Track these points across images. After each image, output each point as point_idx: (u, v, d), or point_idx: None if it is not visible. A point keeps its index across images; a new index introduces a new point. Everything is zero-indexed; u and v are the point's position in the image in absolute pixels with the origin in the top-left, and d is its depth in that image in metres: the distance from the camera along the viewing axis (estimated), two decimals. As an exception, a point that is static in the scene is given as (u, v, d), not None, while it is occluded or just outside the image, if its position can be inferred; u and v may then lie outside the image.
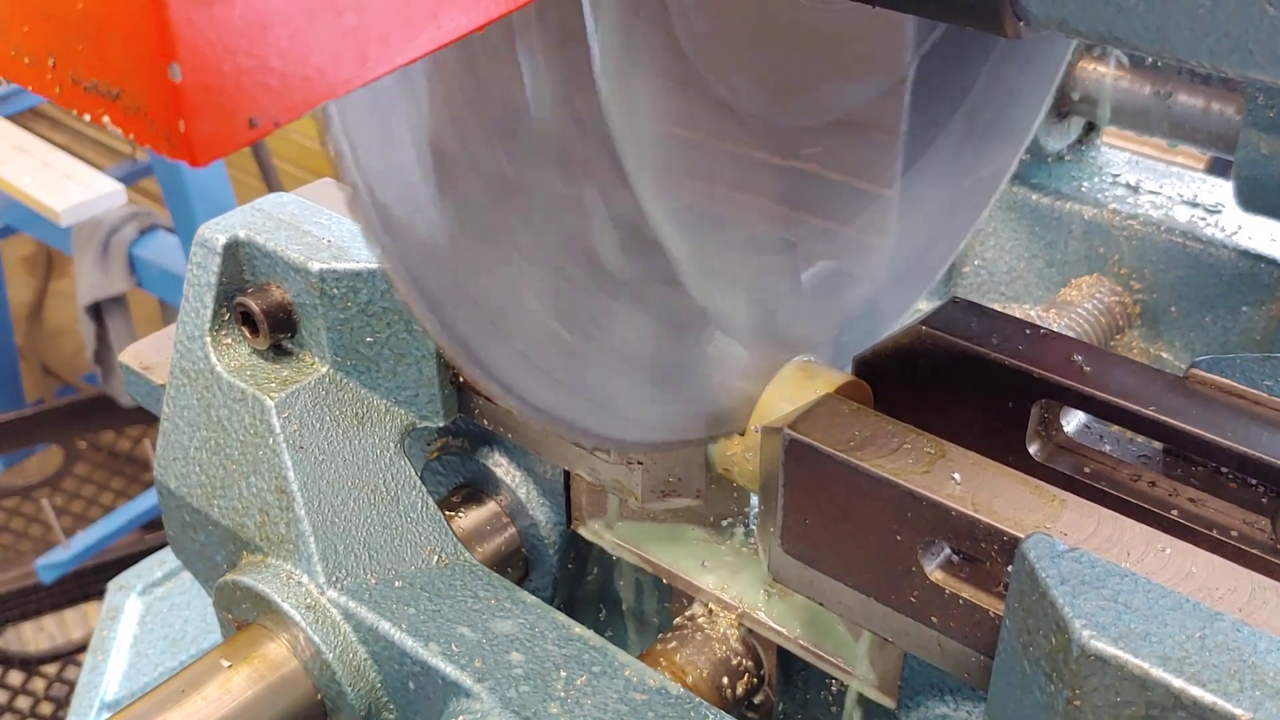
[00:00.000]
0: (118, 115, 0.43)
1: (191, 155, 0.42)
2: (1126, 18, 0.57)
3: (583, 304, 0.78)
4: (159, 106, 0.42)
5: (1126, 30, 0.58)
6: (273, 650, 0.87)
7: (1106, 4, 0.58)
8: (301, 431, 0.90)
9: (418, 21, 0.47)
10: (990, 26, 0.63)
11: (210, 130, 0.43)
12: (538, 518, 1.00)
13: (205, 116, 0.42)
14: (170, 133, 0.42)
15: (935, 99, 0.90)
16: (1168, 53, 0.57)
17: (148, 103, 0.42)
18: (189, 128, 0.42)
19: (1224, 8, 0.55)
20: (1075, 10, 0.59)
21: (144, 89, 0.42)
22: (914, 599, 0.74)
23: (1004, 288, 1.31)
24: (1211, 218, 1.21)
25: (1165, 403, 0.77)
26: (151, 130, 0.42)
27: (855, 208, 0.92)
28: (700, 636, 0.91)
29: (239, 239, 0.93)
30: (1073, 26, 0.59)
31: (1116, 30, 0.58)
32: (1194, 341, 1.22)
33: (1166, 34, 0.57)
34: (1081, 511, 0.70)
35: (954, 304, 0.85)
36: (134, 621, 1.42)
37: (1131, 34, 0.58)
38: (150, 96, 0.42)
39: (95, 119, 0.44)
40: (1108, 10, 0.58)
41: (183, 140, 0.42)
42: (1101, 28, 0.58)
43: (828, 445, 0.74)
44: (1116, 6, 0.57)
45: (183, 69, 0.41)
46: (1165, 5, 0.56)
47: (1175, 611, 0.62)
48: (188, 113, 0.42)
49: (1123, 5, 0.57)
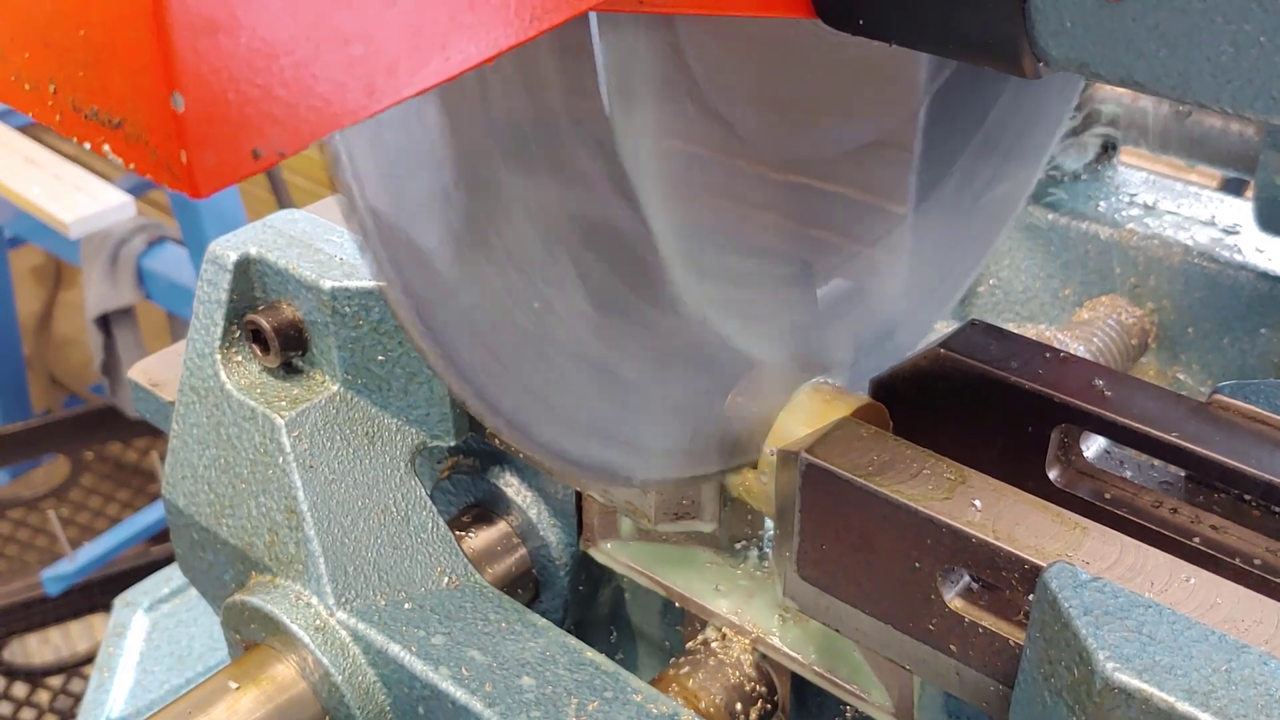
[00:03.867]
0: (119, 144, 0.42)
1: (194, 187, 0.41)
2: (1147, 63, 0.57)
3: (585, 330, 0.77)
4: (161, 136, 0.41)
5: (1147, 75, 0.57)
6: (281, 672, 0.86)
7: (1127, 49, 0.57)
8: (311, 450, 0.89)
9: (425, 52, 0.46)
10: (1009, 67, 0.62)
11: (213, 161, 0.41)
12: (549, 539, 0.99)
13: (208, 147, 0.41)
14: (172, 163, 0.41)
15: (954, 118, 0.89)
16: (1189, 97, 0.56)
17: (149, 132, 0.41)
18: (191, 158, 0.41)
19: (1247, 55, 0.54)
20: (1095, 54, 0.58)
21: (146, 118, 0.41)
22: (932, 627, 0.73)
23: (1019, 307, 1.30)
24: (1229, 238, 1.20)
25: (1188, 429, 0.76)
26: (153, 160, 0.41)
27: (869, 225, 0.91)
28: (713, 661, 0.90)
29: (250, 256, 0.92)
30: (1092, 69, 0.59)
31: (1137, 75, 0.57)
32: (1212, 364, 1.21)
33: (1188, 79, 0.56)
34: (1104, 540, 0.69)
35: (973, 326, 0.84)
36: (140, 638, 1.41)
37: (1152, 78, 0.57)
38: (152, 126, 0.41)
39: (96, 148, 0.43)
40: (1128, 55, 0.57)
41: (185, 171, 0.41)
42: (1121, 71, 0.58)
43: (846, 470, 0.73)
44: (1137, 52, 0.57)
45: (186, 99, 0.40)
46: (1187, 51, 0.55)
47: (1201, 644, 0.61)
48: (190, 143, 0.41)
49: (1143, 50, 0.57)
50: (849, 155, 0.86)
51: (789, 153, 0.82)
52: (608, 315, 0.78)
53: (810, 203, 0.87)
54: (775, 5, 0.64)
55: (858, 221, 0.90)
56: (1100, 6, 0.56)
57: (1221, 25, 0.54)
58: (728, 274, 0.83)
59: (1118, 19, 0.57)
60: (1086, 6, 0.57)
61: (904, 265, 0.93)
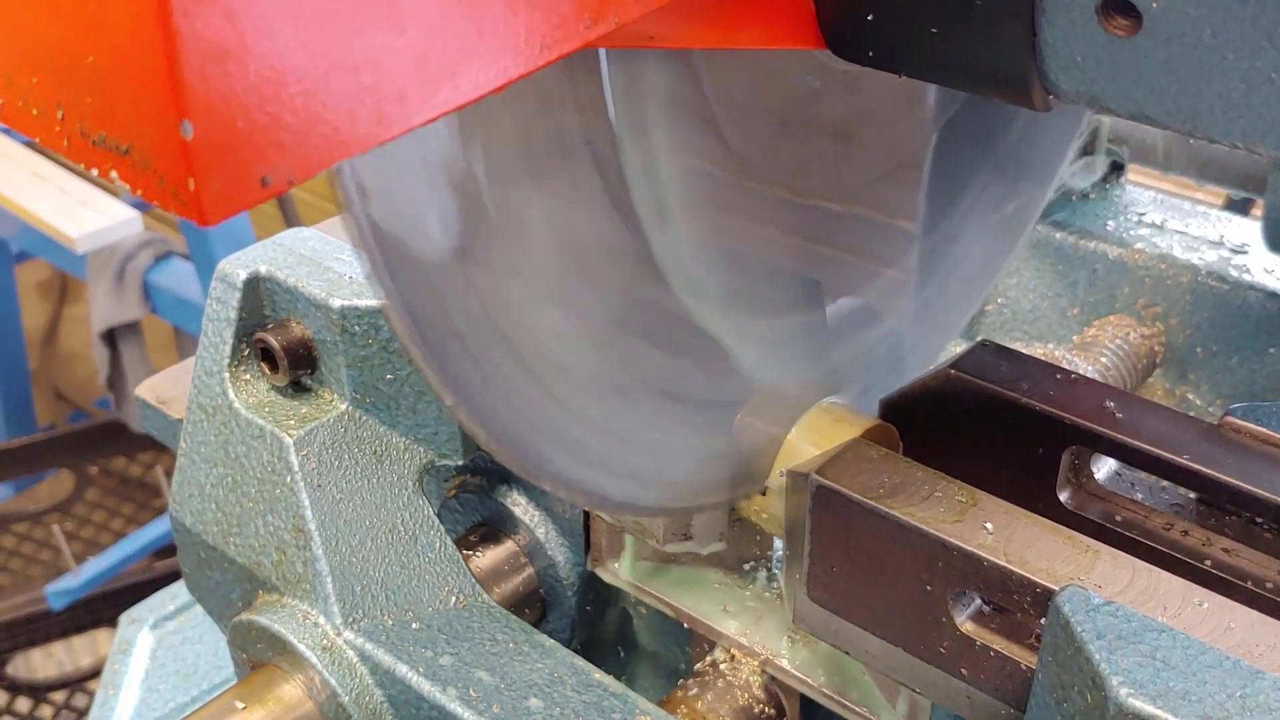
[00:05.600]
0: (126, 171, 0.42)
1: (201, 215, 0.41)
2: (1158, 98, 0.57)
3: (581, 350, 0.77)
4: (168, 163, 0.41)
5: (1158, 110, 0.57)
6: (288, 692, 0.86)
7: (1137, 84, 0.57)
8: (320, 469, 0.89)
9: (435, 81, 0.46)
10: (1019, 100, 0.62)
11: (221, 189, 0.41)
12: (556, 558, 0.99)
13: (216, 175, 0.41)
14: (180, 190, 0.41)
15: (965, 138, 0.89)
16: (1200, 132, 0.56)
17: (157, 159, 0.41)
18: (199, 186, 0.41)
19: (1258, 92, 0.54)
20: (1105, 88, 0.58)
21: (154, 145, 0.41)
22: (943, 650, 0.72)
23: (1027, 326, 1.30)
24: (1238, 258, 1.20)
25: (1199, 451, 0.76)
26: (160, 188, 0.41)
27: (879, 244, 0.90)
28: (722, 683, 0.90)
29: (259, 274, 0.92)
30: (1103, 103, 0.59)
31: (1147, 110, 0.57)
32: (1220, 384, 1.20)
33: (1199, 115, 0.56)
34: (1116, 563, 0.69)
35: (983, 347, 0.84)
36: (145, 655, 1.40)
37: (1163, 114, 0.57)
38: (160, 153, 0.41)
39: (103, 173, 0.42)
40: (1138, 90, 0.57)
41: (192, 199, 0.41)
42: (1132, 106, 0.58)
43: (857, 492, 0.73)
44: (1148, 87, 0.57)
45: (195, 126, 0.40)
46: (1198, 87, 0.55)
47: (1215, 669, 0.60)
48: (198, 171, 0.41)
49: (1154, 86, 0.56)
50: (861, 178, 0.86)
51: (801, 179, 0.82)
52: (616, 336, 0.78)
53: (821, 222, 0.87)
54: (786, 38, 0.64)
55: (867, 240, 0.90)
56: (1111, 42, 0.56)
57: (1232, 62, 0.54)
58: (736, 295, 0.83)
59: (1128, 54, 0.57)
60: (1097, 41, 0.57)
61: (914, 285, 0.93)
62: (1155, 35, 0.55)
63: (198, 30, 0.39)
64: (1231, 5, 0.53)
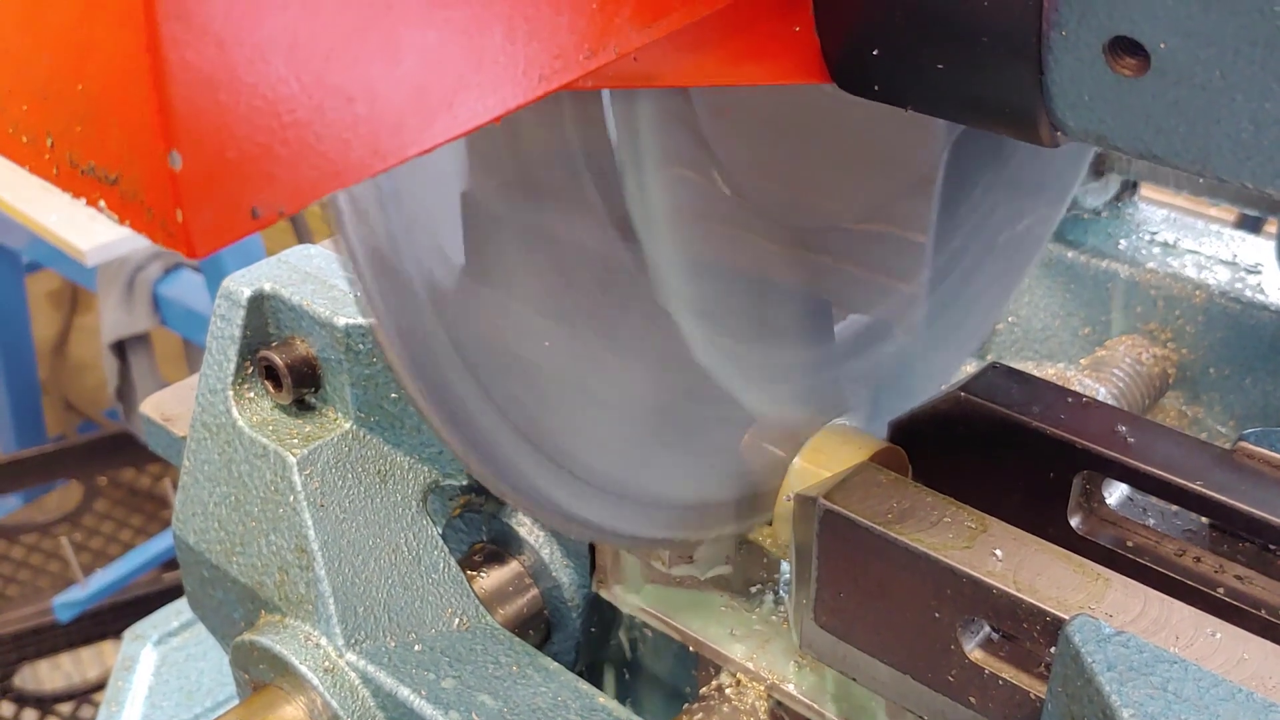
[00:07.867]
0: (114, 201, 0.41)
1: (190, 247, 0.40)
2: (1166, 138, 0.56)
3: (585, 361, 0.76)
4: (157, 194, 0.40)
5: (1166, 149, 0.56)
6: (289, 713, 0.85)
7: (1146, 124, 0.56)
8: (323, 489, 0.88)
9: (432, 111, 0.45)
10: (1026, 135, 0.61)
11: (210, 220, 0.40)
12: (561, 579, 0.98)
13: (205, 206, 0.40)
14: (168, 222, 0.40)
15: (975, 154, 0.88)
16: (1209, 172, 0.55)
17: (145, 190, 0.40)
18: (187, 217, 0.40)
19: (1268, 133, 0.53)
20: (1113, 128, 0.57)
21: (142, 175, 0.40)
22: (952, 678, 0.71)
23: (1038, 345, 1.29)
24: (1251, 278, 1.19)
25: (1212, 477, 0.75)
26: (148, 219, 0.40)
27: (887, 261, 0.90)
28: (727, 708, 0.89)
29: (264, 292, 0.92)
30: (1111, 142, 0.58)
31: (1156, 149, 0.56)
32: (1234, 404, 1.19)
33: (1208, 155, 0.55)
34: (1127, 591, 0.68)
35: (994, 369, 0.83)
36: (149, 672, 1.39)
37: (1171, 153, 0.56)
38: (148, 183, 0.40)
39: (91, 203, 0.41)
40: (1147, 130, 0.56)
41: (180, 230, 0.40)
42: (1140, 145, 0.57)
43: (865, 518, 0.72)
44: (1156, 127, 0.56)
45: (184, 156, 0.39)
46: (1207, 128, 0.54)
47: (1228, 702, 0.59)
48: (186, 202, 0.40)
49: (1162, 126, 0.55)
50: (870, 194, 0.85)
51: (805, 212, 0.81)
52: (613, 356, 0.77)
53: (829, 241, 0.86)
54: (791, 73, 0.63)
55: (876, 258, 0.89)
56: (1119, 81, 0.55)
57: (1242, 103, 0.53)
58: (738, 314, 0.82)
59: (1136, 94, 0.56)
60: (1105, 81, 0.56)
61: (925, 304, 0.92)
62: (1163, 76, 0.54)
63: (188, 60, 0.38)
64: (1240, 47, 0.52)
